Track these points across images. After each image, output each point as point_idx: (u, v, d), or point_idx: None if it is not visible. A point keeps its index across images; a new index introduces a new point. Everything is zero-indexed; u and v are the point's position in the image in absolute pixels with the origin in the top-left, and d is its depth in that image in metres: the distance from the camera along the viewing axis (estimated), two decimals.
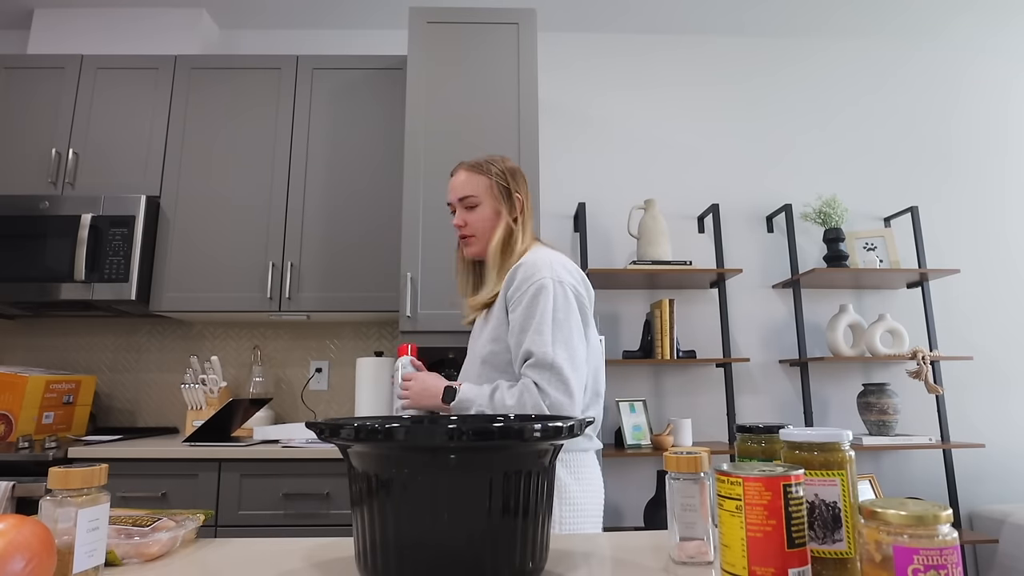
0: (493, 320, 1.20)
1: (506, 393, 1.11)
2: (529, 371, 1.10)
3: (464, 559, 0.54)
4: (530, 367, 1.10)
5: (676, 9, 2.75)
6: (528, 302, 1.14)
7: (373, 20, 2.82)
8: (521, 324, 1.13)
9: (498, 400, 1.11)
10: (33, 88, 2.38)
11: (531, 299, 1.14)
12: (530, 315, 1.13)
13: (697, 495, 0.64)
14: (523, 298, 1.15)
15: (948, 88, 2.92)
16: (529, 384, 1.09)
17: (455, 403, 1.14)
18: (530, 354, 1.10)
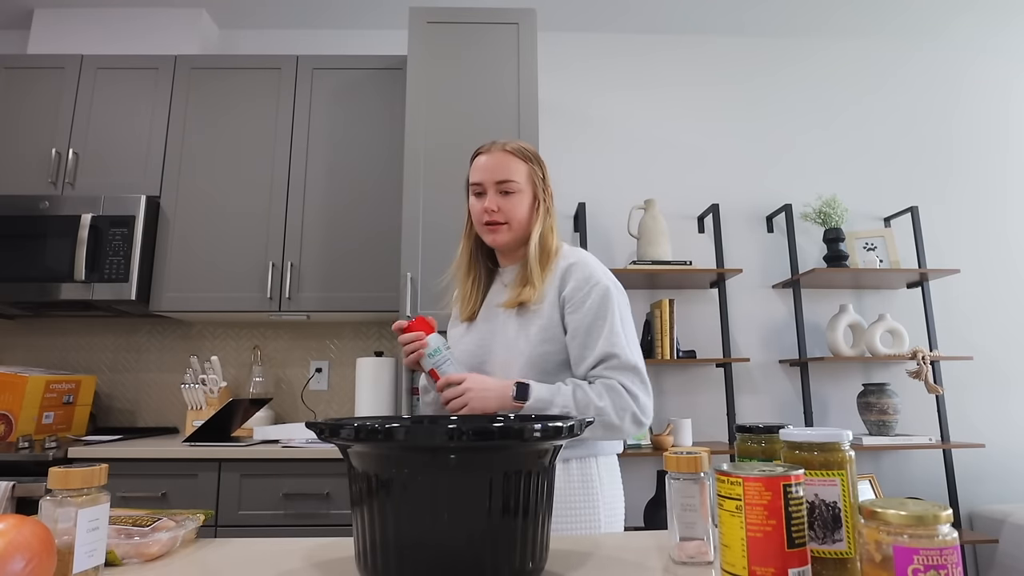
0: (542, 320, 1.12)
1: (591, 392, 1.04)
2: (612, 372, 1.06)
3: (464, 559, 0.54)
4: (613, 368, 1.06)
5: (676, 9, 2.75)
6: (597, 304, 1.10)
7: (373, 20, 2.82)
8: (589, 326, 1.09)
9: (583, 399, 1.04)
10: (33, 88, 2.38)
11: (600, 301, 1.10)
12: (601, 316, 1.09)
13: (697, 495, 0.64)
14: (586, 299, 1.10)
15: (948, 88, 2.92)
16: (616, 385, 1.05)
17: (531, 402, 1.04)
18: (612, 355, 1.07)
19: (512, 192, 1.18)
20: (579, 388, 1.05)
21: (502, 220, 1.18)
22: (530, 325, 1.13)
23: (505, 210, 1.17)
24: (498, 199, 1.18)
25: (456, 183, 2.10)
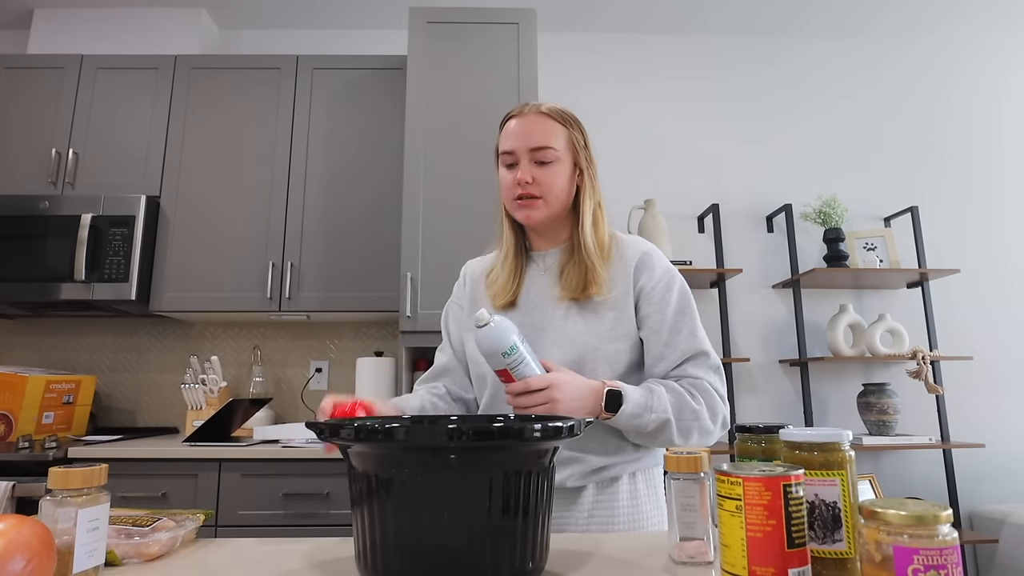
0: (615, 313, 1.00)
1: (684, 394, 0.94)
2: (702, 371, 0.97)
3: (464, 559, 0.54)
4: (701, 367, 0.98)
5: (676, 9, 2.75)
6: (679, 297, 1.01)
7: (373, 20, 2.81)
8: (674, 321, 0.99)
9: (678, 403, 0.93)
10: (33, 88, 2.38)
11: (682, 294, 1.01)
12: (684, 312, 1.00)
13: (697, 495, 0.64)
14: (668, 292, 1.00)
15: (949, 88, 2.92)
16: (706, 386, 0.96)
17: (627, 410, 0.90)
18: (702, 352, 0.98)
19: (549, 161, 1.02)
20: (672, 390, 0.94)
21: (537, 194, 1.01)
22: (600, 319, 0.99)
23: (541, 182, 1.01)
24: (534, 169, 1.02)
25: (457, 183, 2.10)
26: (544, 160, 1.02)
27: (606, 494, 0.98)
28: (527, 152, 1.02)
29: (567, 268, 1.03)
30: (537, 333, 1.01)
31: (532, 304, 1.04)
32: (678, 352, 0.98)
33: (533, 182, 1.01)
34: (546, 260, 1.08)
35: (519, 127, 1.03)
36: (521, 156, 1.02)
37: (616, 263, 1.03)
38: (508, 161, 1.04)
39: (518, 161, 1.03)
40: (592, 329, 0.99)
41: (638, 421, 0.90)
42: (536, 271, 1.08)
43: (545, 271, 1.07)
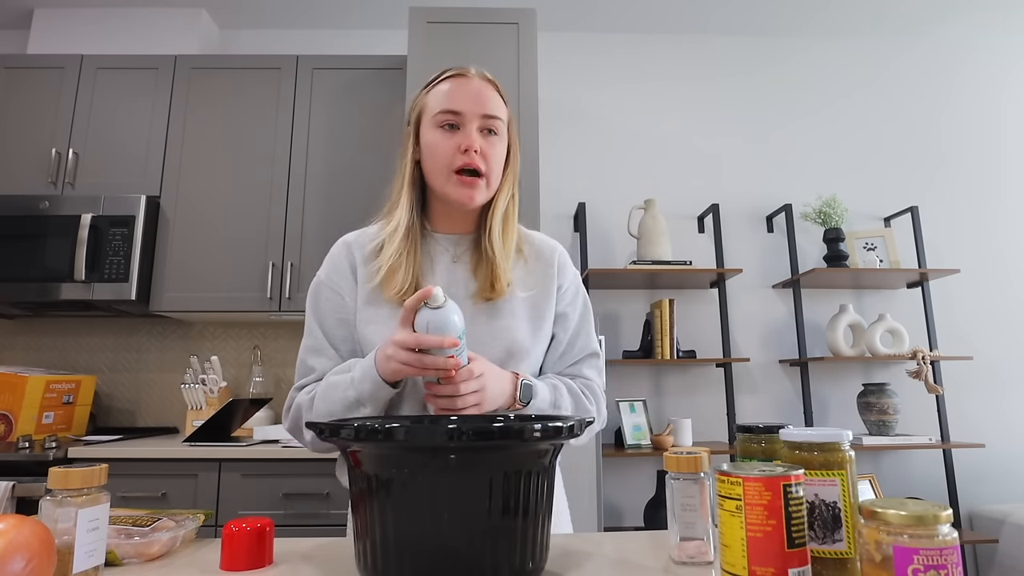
0: (538, 311, 0.94)
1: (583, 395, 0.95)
2: (592, 373, 0.99)
3: (464, 559, 0.54)
4: (593, 368, 0.99)
5: (676, 9, 2.75)
6: (584, 297, 1.02)
7: (373, 20, 2.82)
8: (579, 321, 0.99)
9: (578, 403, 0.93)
10: (33, 88, 2.38)
11: (585, 295, 1.02)
12: (586, 311, 1.01)
13: (697, 495, 0.64)
14: (578, 291, 1.01)
15: (949, 88, 2.92)
16: (596, 389, 0.98)
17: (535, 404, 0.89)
18: (595, 354, 1.00)
19: (496, 134, 0.91)
20: (571, 392, 0.94)
21: (482, 170, 0.89)
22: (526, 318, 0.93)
23: (487, 156, 0.90)
24: (483, 141, 0.89)
25: None
26: (493, 130, 0.91)
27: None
28: (477, 117, 0.89)
29: (481, 262, 0.93)
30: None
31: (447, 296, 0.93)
32: (576, 350, 0.99)
33: (479, 153, 0.88)
34: (457, 247, 0.96)
35: (467, 87, 0.90)
36: (468, 120, 0.89)
37: (533, 260, 0.98)
38: (448, 121, 0.89)
39: (463, 125, 0.89)
40: (520, 328, 0.92)
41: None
42: (445, 258, 0.95)
43: (456, 259, 0.95)
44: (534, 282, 0.96)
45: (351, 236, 1.03)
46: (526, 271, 0.96)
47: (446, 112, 0.89)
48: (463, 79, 0.91)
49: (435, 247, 0.96)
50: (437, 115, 0.90)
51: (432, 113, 0.91)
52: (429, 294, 0.75)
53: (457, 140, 0.89)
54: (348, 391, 0.83)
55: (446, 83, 0.92)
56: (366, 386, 0.81)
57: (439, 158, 0.89)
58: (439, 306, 0.75)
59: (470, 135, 0.89)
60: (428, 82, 0.95)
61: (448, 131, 0.89)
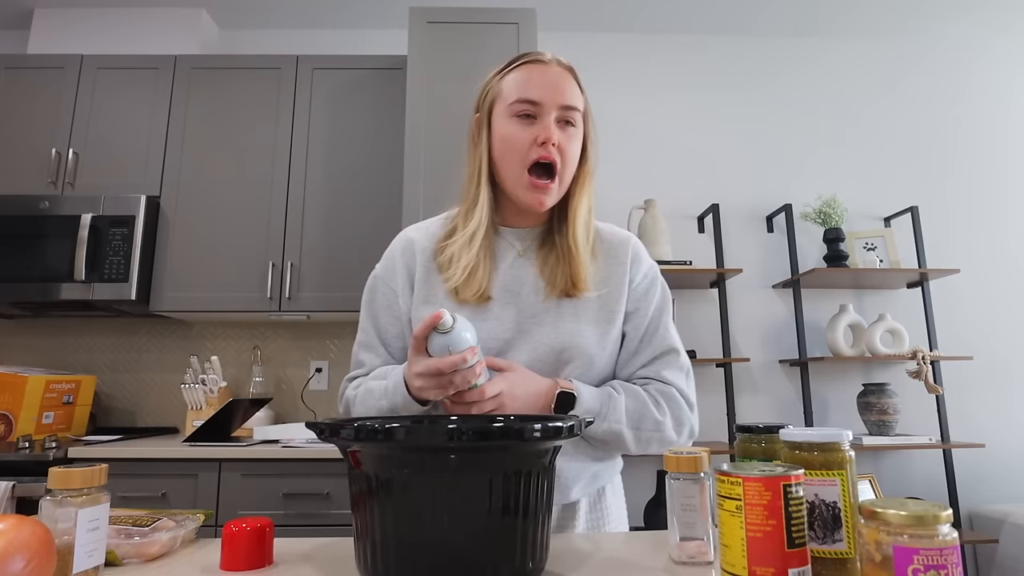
0: (608, 314, 0.89)
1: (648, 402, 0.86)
2: (669, 372, 0.89)
3: (464, 559, 0.54)
4: (670, 367, 0.89)
5: (676, 9, 2.75)
6: (661, 292, 0.94)
7: (373, 20, 2.81)
8: (653, 318, 0.91)
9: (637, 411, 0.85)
10: (33, 88, 2.38)
11: (663, 289, 0.94)
12: (663, 308, 0.93)
13: (697, 495, 0.64)
14: (653, 286, 0.93)
15: (948, 88, 2.92)
16: (673, 392, 0.88)
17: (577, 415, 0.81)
18: (672, 350, 0.90)
19: (574, 126, 0.86)
20: (635, 398, 0.86)
21: (558, 163, 0.84)
22: (594, 322, 0.88)
23: (564, 150, 0.84)
24: (561, 134, 0.84)
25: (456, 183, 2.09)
26: (571, 122, 0.85)
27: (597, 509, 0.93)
28: (556, 108, 0.84)
29: (551, 258, 0.89)
30: (515, 329, 0.87)
31: (510, 294, 0.88)
32: (651, 349, 0.90)
33: (556, 147, 0.83)
34: (523, 241, 0.92)
35: (547, 76, 0.85)
36: (547, 111, 0.83)
37: (605, 257, 0.92)
38: (525, 111, 0.84)
39: (540, 116, 0.84)
40: (585, 331, 0.87)
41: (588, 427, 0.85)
42: (511, 253, 0.91)
43: (522, 254, 0.91)
44: (604, 281, 0.90)
45: (413, 232, 0.97)
46: (596, 269, 0.90)
47: (523, 101, 0.84)
48: (541, 66, 0.86)
49: (500, 242, 0.92)
50: (513, 104, 0.85)
51: (507, 101, 0.86)
52: (438, 320, 0.73)
53: (534, 131, 0.83)
54: (382, 400, 0.84)
55: (522, 70, 0.87)
56: (398, 399, 0.82)
57: (514, 150, 0.85)
58: (448, 331, 0.74)
59: (548, 127, 0.83)
60: (501, 68, 0.90)
61: (524, 121, 0.84)
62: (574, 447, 0.89)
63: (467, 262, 0.86)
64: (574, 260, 0.87)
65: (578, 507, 0.91)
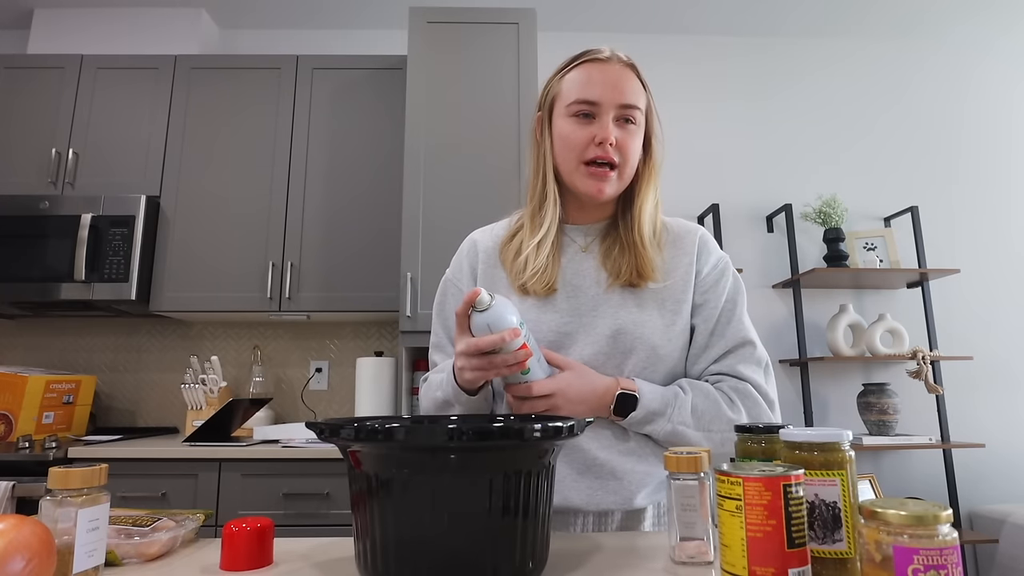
0: (674, 305, 0.87)
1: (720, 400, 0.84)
2: (745, 367, 0.86)
3: (464, 559, 0.54)
4: (745, 361, 0.87)
5: (675, 9, 2.75)
6: (732, 284, 0.90)
7: (373, 20, 2.81)
8: (723, 310, 0.89)
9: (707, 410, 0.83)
10: (33, 88, 2.38)
11: (735, 281, 0.91)
12: (734, 300, 0.90)
13: (697, 495, 0.64)
14: (722, 278, 0.90)
15: (948, 88, 2.92)
16: (748, 389, 0.85)
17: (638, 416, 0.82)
18: (747, 342, 0.88)
19: (634, 124, 0.86)
20: (701, 395, 0.84)
21: (616, 161, 0.85)
22: (657, 312, 0.86)
23: (623, 147, 0.85)
24: (620, 131, 0.85)
25: (457, 183, 2.10)
26: (631, 119, 0.85)
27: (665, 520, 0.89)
28: (614, 107, 0.84)
29: (614, 251, 0.89)
30: (576, 322, 0.87)
31: (572, 287, 0.89)
32: (724, 342, 0.88)
33: (615, 145, 0.84)
34: (586, 236, 0.93)
35: (607, 75, 0.85)
36: (605, 111, 0.84)
37: (671, 249, 0.91)
38: (583, 111, 0.85)
39: (598, 115, 0.84)
40: (648, 322, 0.86)
41: (649, 427, 0.83)
42: (573, 248, 0.92)
43: (585, 248, 0.92)
44: (669, 272, 0.89)
45: (477, 235, 1.00)
46: (662, 260, 0.89)
47: (581, 102, 0.85)
48: (601, 64, 0.86)
49: (562, 238, 0.93)
50: (572, 104, 0.86)
51: (566, 101, 0.87)
52: (476, 297, 0.74)
53: (592, 131, 0.84)
54: (437, 392, 0.87)
55: (582, 69, 0.87)
56: (449, 390, 0.84)
57: (571, 150, 0.86)
58: (486, 308, 0.74)
59: (606, 126, 0.84)
60: (562, 66, 0.90)
61: (582, 120, 0.85)
62: (642, 449, 0.86)
63: (540, 261, 0.88)
64: (639, 252, 0.87)
65: (644, 515, 0.88)
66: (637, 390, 0.83)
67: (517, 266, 0.89)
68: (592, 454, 0.85)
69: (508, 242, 0.94)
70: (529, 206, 0.93)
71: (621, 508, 0.85)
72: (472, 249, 0.98)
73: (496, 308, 0.75)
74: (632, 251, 0.88)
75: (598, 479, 0.85)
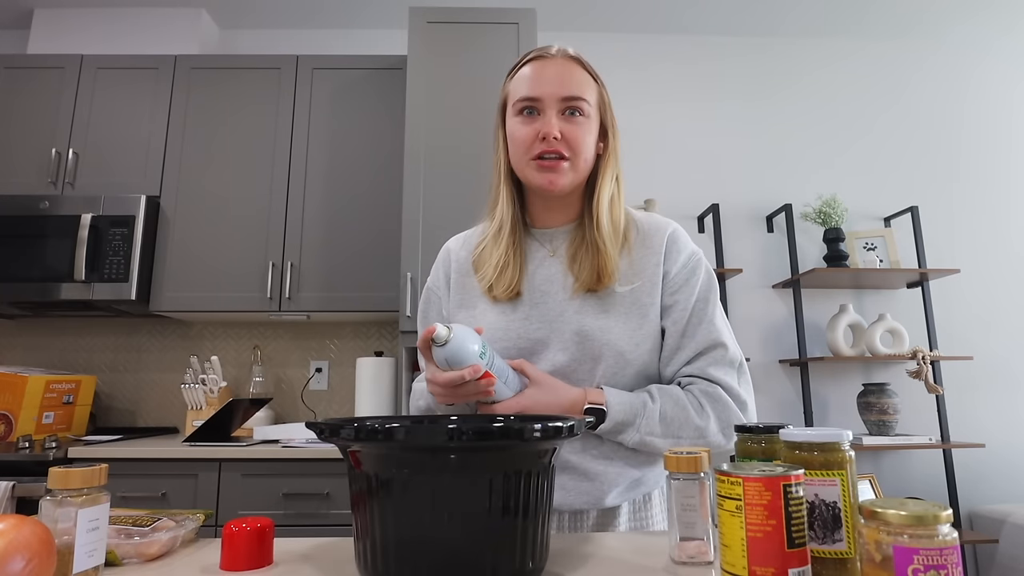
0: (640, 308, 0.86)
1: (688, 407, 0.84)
2: (716, 369, 0.86)
3: (464, 559, 0.54)
4: (716, 364, 0.86)
5: (676, 9, 2.75)
6: (704, 283, 0.89)
7: (373, 20, 2.81)
8: (693, 311, 0.87)
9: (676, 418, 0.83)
10: (33, 88, 2.38)
11: (707, 279, 0.89)
12: (705, 299, 0.88)
13: (697, 495, 0.64)
14: (692, 277, 0.88)
15: (948, 88, 2.92)
16: (719, 393, 0.86)
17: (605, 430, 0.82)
18: (718, 344, 0.87)
19: (582, 115, 0.85)
20: (670, 402, 0.84)
21: (565, 153, 0.84)
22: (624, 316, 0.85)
23: (571, 139, 0.84)
24: (564, 123, 0.84)
25: (457, 183, 2.10)
26: (577, 110, 0.85)
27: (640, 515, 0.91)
28: (557, 101, 0.84)
29: (580, 253, 0.88)
30: (546, 328, 0.87)
31: (540, 292, 0.89)
32: (693, 345, 0.87)
33: (562, 138, 0.84)
34: (553, 241, 0.92)
35: (547, 70, 0.85)
36: (548, 105, 0.84)
37: (639, 248, 0.89)
38: (526, 107, 0.85)
39: (542, 111, 0.85)
40: (614, 327, 0.85)
41: (619, 437, 0.84)
42: (541, 253, 0.92)
43: (553, 253, 0.91)
44: (636, 274, 0.88)
45: (452, 243, 1.02)
46: (629, 262, 0.88)
47: (525, 99, 0.85)
48: (543, 61, 0.87)
49: (530, 243, 0.93)
50: (517, 102, 0.86)
51: (513, 100, 0.88)
52: (431, 334, 0.75)
53: (536, 127, 0.85)
54: (420, 400, 0.93)
55: (526, 67, 0.88)
56: (431, 400, 0.89)
57: (518, 147, 0.86)
58: (444, 343, 0.75)
59: (549, 121, 0.84)
60: (512, 67, 0.91)
61: (527, 117, 0.86)
62: (613, 452, 0.87)
63: (497, 259, 0.89)
64: (599, 250, 0.86)
65: (619, 512, 0.90)
66: (605, 402, 0.83)
67: (484, 272, 0.91)
68: (563, 457, 0.87)
69: (479, 249, 0.95)
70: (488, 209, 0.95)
71: (595, 507, 0.87)
72: (446, 259, 0.99)
73: (454, 342, 0.75)
74: (593, 250, 0.87)
75: (571, 480, 0.87)
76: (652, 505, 0.93)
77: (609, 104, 0.91)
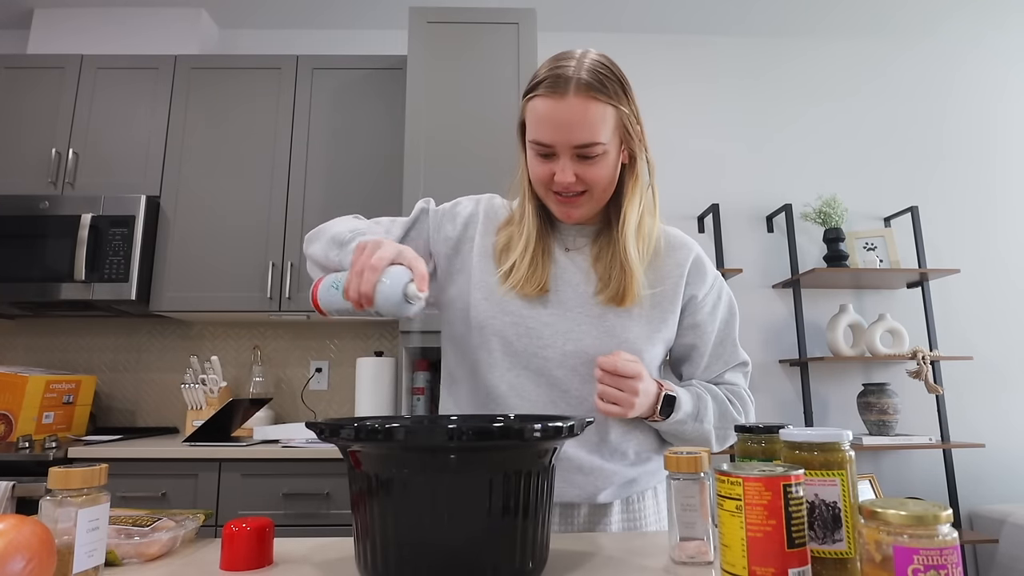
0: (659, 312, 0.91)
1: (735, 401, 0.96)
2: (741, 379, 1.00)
3: (464, 559, 0.54)
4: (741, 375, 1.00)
5: (676, 9, 2.75)
6: (728, 306, 0.98)
7: (373, 20, 2.81)
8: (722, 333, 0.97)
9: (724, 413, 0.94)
10: (33, 88, 2.38)
11: (728, 302, 0.98)
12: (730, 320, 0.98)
13: (697, 495, 0.64)
14: (719, 301, 0.97)
15: (949, 88, 2.92)
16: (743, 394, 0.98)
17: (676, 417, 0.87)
18: (743, 363, 1.00)
19: (596, 155, 0.84)
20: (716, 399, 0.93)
21: (580, 189, 0.86)
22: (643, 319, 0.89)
23: (587, 178, 0.85)
24: (578, 166, 0.84)
25: (457, 183, 2.10)
26: (590, 155, 0.83)
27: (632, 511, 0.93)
28: (569, 148, 0.83)
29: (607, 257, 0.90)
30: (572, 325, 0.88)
31: (562, 294, 0.91)
32: (721, 362, 0.97)
33: (577, 180, 0.84)
34: (576, 240, 0.94)
35: (558, 114, 0.81)
36: (562, 151, 0.83)
37: (664, 259, 0.93)
38: (541, 151, 0.85)
39: (556, 155, 0.84)
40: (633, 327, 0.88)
41: (681, 427, 0.89)
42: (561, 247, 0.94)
43: (576, 249, 0.93)
44: (660, 279, 0.91)
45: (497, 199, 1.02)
46: (657, 269, 0.92)
47: (536, 143, 0.85)
48: (555, 102, 0.81)
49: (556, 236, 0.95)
50: (531, 141, 0.86)
51: (528, 135, 0.87)
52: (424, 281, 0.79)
53: (551, 168, 0.85)
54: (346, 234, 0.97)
55: (539, 102, 0.83)
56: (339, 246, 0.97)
57: (536, 179, 0.88)
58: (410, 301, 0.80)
59: (564, 168, 0.83)
60: (528, 87, 0.87)
61: (542, 159, 0.86)
62: (610, 451, 0.89)
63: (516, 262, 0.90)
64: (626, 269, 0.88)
65: (611, 509, 0.92)
66: (675, 392, 0.87)
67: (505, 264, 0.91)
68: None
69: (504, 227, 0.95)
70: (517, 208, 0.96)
71: (587, 502, 0.89)
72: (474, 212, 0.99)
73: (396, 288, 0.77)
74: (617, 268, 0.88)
75: (564, 471, 0.88)
76: (645, 505, 0.94)
77: (633, 121, 0.88)
